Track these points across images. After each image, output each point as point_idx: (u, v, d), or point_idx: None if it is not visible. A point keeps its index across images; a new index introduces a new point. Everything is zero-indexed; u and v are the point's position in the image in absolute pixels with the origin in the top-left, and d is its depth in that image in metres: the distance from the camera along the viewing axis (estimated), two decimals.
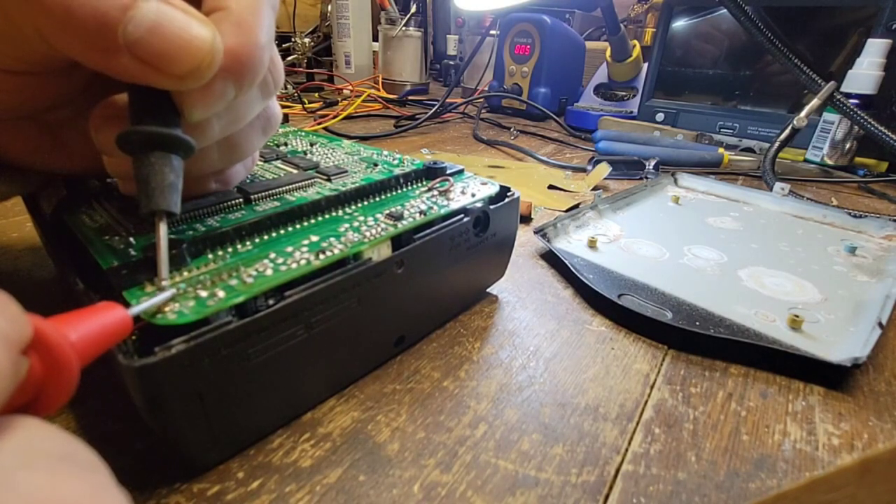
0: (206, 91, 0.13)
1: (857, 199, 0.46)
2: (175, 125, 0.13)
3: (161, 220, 0.13)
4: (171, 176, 0.13)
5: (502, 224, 0.23)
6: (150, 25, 0.11)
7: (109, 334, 0.10)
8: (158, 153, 0.13)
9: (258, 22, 0.13)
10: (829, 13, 0.55)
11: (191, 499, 0.14)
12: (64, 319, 0.09)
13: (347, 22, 0.92)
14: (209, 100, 0.13)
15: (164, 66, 0.12)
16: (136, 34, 0.11)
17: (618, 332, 0.23)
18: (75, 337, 0.09)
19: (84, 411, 0.17)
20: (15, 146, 0.17)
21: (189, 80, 0.12)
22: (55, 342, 0.08)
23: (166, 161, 0.13)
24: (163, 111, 0.13)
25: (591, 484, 0.15)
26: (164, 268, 0.13)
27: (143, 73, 0.12)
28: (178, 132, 0.13)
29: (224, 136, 0.15)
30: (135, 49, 0.11)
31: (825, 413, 0.18)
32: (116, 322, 0.11)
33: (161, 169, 0.13)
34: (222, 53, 0.12)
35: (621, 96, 0.79)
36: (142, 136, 0.13)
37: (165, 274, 0.13)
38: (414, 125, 0.65)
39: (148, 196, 0.13)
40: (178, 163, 0.13)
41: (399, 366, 0.20)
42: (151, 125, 0.13)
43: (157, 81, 0.12)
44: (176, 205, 0.13)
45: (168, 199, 0.13)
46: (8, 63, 0.13)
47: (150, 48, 0.12)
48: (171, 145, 0.13)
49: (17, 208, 0.33)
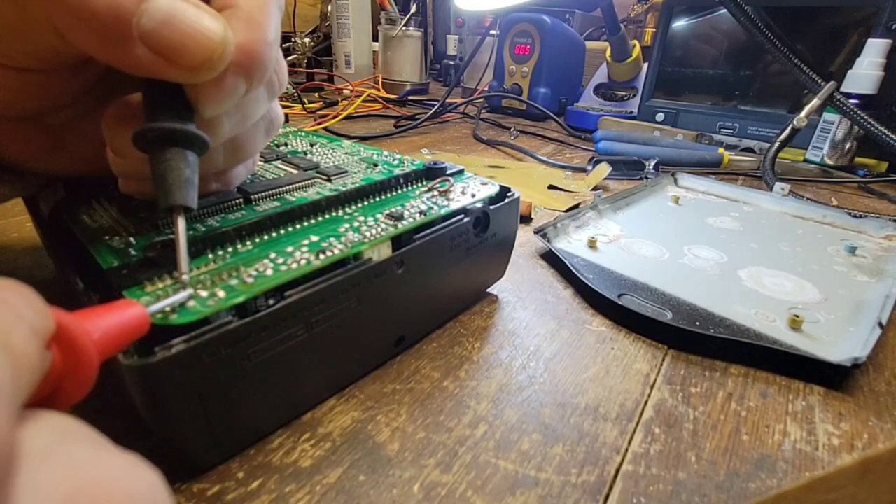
0: (219, 86, 0.13)
1: (857, 199, 0.46)
2: (189, 121, 0.13)
3: (179, 215, 0.13)
4: (188, 171, 0.13)
5: (502, 224, 0.23)
6: (164, 17, 0.12)
7: (127, 331, 0.10)
8: (175, 149, 0.13)
9: (266, 19, 0.13)
10: (829, 13, 0.55)
11: (191, 499, 0.14)
12: (84, 315, 0.09)
13: (347, 22, 0.92)
14: (221, 94, 0.13)
15: (177, 57, 0.12)
16: (149, 26, 0.12)
17: (618, 332, 0.23)
18: (96, 332, 0.09)
19: (84, 411, 0.17)
20: (16, 148, 0.17)
21: (201, 71, 0.12)
22: (78, 337, 0.09)
23: (182, 157, 0.13)
24: (177, 108, 0.13)
25: (591, 484, 0.15)
26: (185, 262, 0.13)
27: (157, 65, 0.12)
28: (194, 128, 0.13)
29: (231, 136, 0.16)
30: (148, 40, 0.12)
31: (825, 413, 0.18)
32: (135, 319, 0.11)
33: (178, 165, 0.13)
34: (233, 47, 0.13)
35: (621, 96, 0.79)
36: (158, 133, 0.13)
37: (185, 268, 0.13)
38: (414, 125, 0.65)
39: (166, 192, 0.13)
40: (193, 159, 0.13)
41: (399, 366, 0.20)
42: (165, 122, 0.13)
43: (170, 74, 0.12)
44: (193, 200, 0.13)
45: (186, 194, 0.13)
46: (17, 60, 0.13)
47: (163, 40, 0.12)
48: (188, 141, 0.13)
49: (18, 208, 0.33)
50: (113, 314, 0.10)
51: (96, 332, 0.09)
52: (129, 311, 0.11)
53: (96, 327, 0.09)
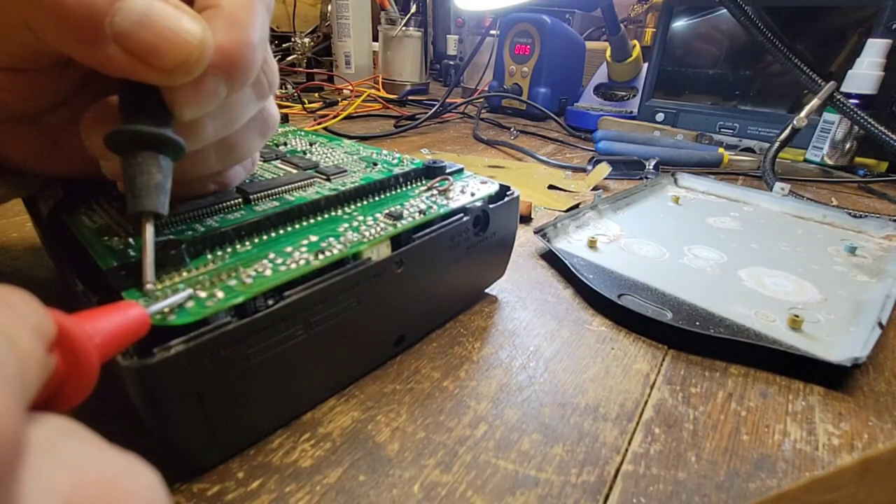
0: (197, 88, 0.13)
1: (857, 199, 0.46)
2: (165, 125, 0.13)
3: (147, 222, 0.13)
4: (159, 176, 0.13)
5: (502, 223, 0.23)
6: (139, 18, 0.11)
7: (128, 333, 0.10)
8: (146, 153, 0.13)
9: (251, 21, 0.13)
10: (829, 13, 0.55)
11: (191, 499, 0.14)
12: (85, 316, 0.09)
13: (347, 22, 0.92)
14: (200, 98, 0.13)
15: (151, 59, 0.12)
16: (123, 25, 0.11)
17: (618, 332, 0.23)
18: (97, 335, 0.09)
19: (83, 411, 0.17)
20: (14, 149, 0.17)
21: (177, 74, 0.12)
22: (79, 339, 0.08)
23: (154, 161, 0.13)
24: (153, 110, 0.13)
25: (591, 484, 0.15)
26: (150, 271, 0.13)
27: (131, 66, 0.12)
28: (168, 132, 0.13)
29: (220, 138, 0.15)
30: (122, 41, 0.11)
31: (825, 413, 0.18)
32: (135, 321, 0.11)
33: (148, 169, 0.12)
34: (212, 49, 0.12)
35: (621, 96, 0.79)
36: (129, 135, 0.12)
37: (151, 277, 0.13)
38: (414, 125, 0.65)
39: (134, 196, 0.12)
40: (166, 163, 0.13)
41: (399, 366, 0.20)
42: (139, 124, 0.12)
43: (144, 75, 0.12)
44: (163, 206, 0.13)
45: (154, 199, 0.13)
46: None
47: (137, 40, 0.11)
48: (160, 145, 0.13)
49: (17, 208, 0.33)
50: (113, 315, 0.10)
51: (97, 335, 0.09)
52: (130, 312, 0.10)
53: (97, 329, 0.09)
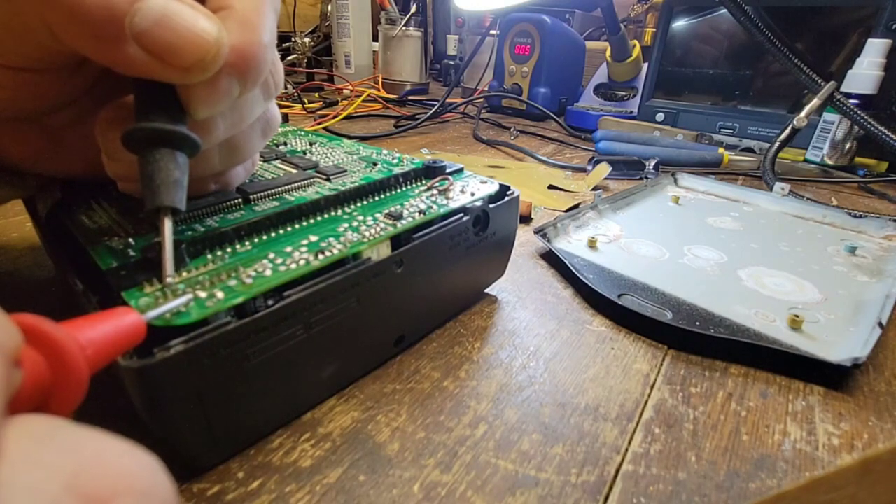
0: (212, 87, 0.13)
1: (857, 199, 0.46)
2: (181, 122, 0.13)
3: (166, 216, 0.13)
4: (177, 172, 0.13)
5: (502, 223, 0.23)
6: (158, 17, 0.12)
7: (122, 339, 0.10)
8: (164, 150, 0.13)
9: (262, 21, 0.13)
10: (829, 13, 0.55)
11: (191, 499, 0.14)
12: (76, 324, 0.09)
13: (347, 22, 0.92)
14: (214, 96, 0.13)
15: (170, 57, 0.12)
16: (142, 25, 0.12)
17: (618, 332, 0.23)
18: (86, 340, 0.09)
19: (82, 412, 0.17)
20: (15, 149, 0.17)
21: (194, 72, 0.12)
22: (67, 349, 0.08)
23: (171, 158, 0.13)
24: (168, 108, 0.13)
25: (591, 484, 0.15)
26: (170, 265, 0.13)
27: (149, 65, 0.12)
28: (184, 129, 0.13)
29: (226, 138, 0.15)
30: (141, 40, 0.12)
31: (825, 413, 0.18)
32: (130, 328, 0.11)
33: (166, 165, 0.13)
34: (227, 48, 0.13)
35: (621, 96, 0.79)
36: (147, 133, 0.13)
37: (171, 271, 0.13)
38: (414, 125, 0.65)
39: (153, 192, 0.13)
40: (183, 160, 0.13)
41: (399, 366, 0.20)
42: (157, 122, 0.13)
43: (162, 74, 0.12)
44: (181, 201, 0.13)
45: (173, 195, 0.13)
46: (12, 59, 0.13)
47: (156, 39, 0.12)
48: (177, 142, 0.13)
49: (17, 208, 0.33)
50: (107, 323, 0.10)
51: (89, 347, 0.09)
52: (125, 319, 0.10)
53: (88, 339, 0.09)
